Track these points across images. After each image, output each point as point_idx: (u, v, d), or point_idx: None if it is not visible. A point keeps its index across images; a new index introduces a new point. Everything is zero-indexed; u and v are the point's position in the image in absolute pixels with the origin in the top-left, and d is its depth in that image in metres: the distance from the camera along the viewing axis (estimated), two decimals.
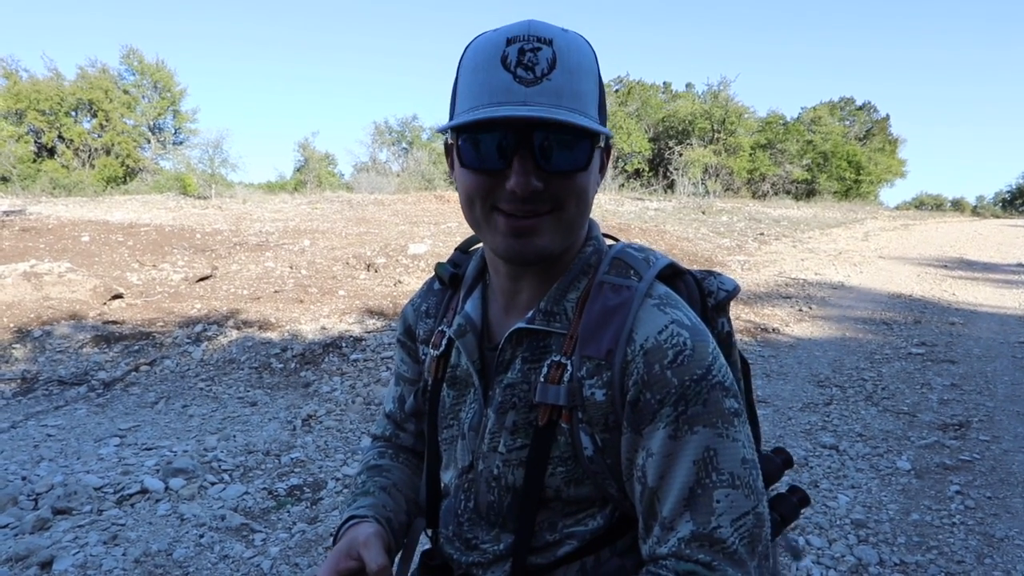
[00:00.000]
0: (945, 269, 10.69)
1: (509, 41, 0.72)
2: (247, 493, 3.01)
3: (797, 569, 2.47)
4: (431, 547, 1.02)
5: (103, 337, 5.29)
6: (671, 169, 24.84)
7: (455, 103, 0.78)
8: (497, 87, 0.71)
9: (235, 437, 3.66)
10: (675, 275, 0.90)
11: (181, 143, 27.42)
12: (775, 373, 4.91)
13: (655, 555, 0.76)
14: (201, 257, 8.64)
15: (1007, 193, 39.30)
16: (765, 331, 6.10)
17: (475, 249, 1.00)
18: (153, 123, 27.11)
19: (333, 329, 5.72)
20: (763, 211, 18.43)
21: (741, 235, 13.14)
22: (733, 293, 0.94)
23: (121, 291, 6.54)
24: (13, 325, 5.42)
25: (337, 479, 3.18)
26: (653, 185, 24.70)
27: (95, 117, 25.16)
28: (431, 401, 0.96)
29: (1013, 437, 3.73)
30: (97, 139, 25.06)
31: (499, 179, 0.74)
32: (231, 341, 5.33)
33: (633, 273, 0.83)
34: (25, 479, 3.04)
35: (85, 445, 3.53)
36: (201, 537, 2.62)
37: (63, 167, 23.68)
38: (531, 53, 0.71)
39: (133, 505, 2.86)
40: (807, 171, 28.89)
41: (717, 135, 27.10)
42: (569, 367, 0.80)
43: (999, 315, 7.12)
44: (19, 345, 5.09)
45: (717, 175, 25.14)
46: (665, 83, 34.76)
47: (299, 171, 30.44)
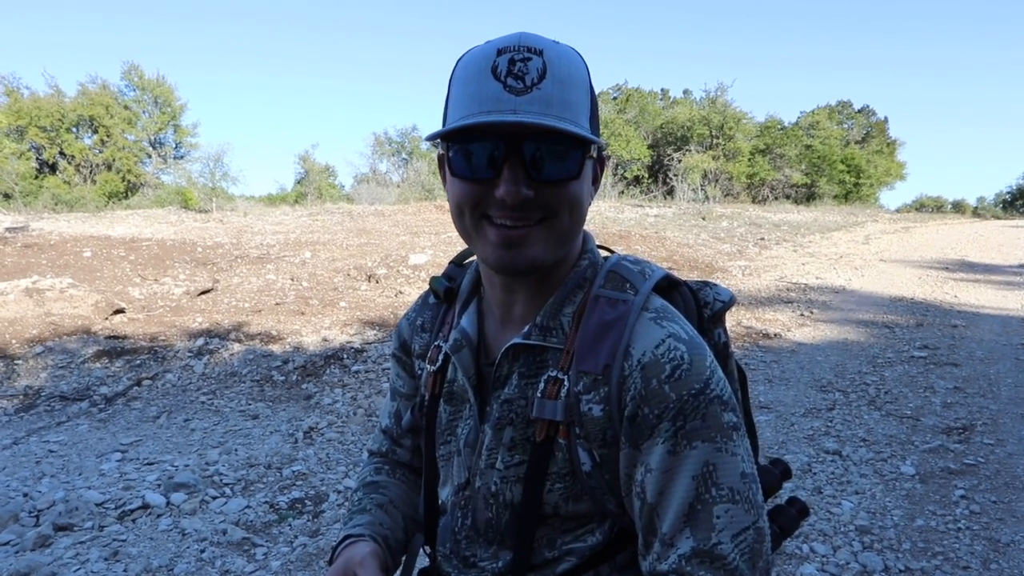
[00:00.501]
0: (946, 271, 10.67)
1: (500, 52, 0.72)
2: (248, 507, 3.00)
3: None
4: (429, 565, 1.01)
5: (105, 352, 5.29)
6: (670, 175, 24.89)
7: (447, 115, 0.78)
8: (487, 96, 0.71)
9: (237, 451, 3.65)
10: (671, 287, 0.89)
11: (182, 157, 27.57)
12: (777, 378, 4.90)
13: (655, 572, 0.75)
14: (202, 271, 8.65)
15: (1008, 194, 39.25)
16: (767, 336, 6.09)
17: (470, 262, 0.99)
18: (154, 138, 27.27)
19: (334, 341, 5.72)
20: (763, 216, 18.44)
21: (741, 240, 13.14)
22: (729, 304, 0.94)
23: (123, 306, 6.55)
24: (15, 341, 5.42)
25: (339, 491, 3.17)
26: (653, 192, 24.75)
27: (96, 133, 25.33)
28: (428, 417, 0.95)
29: (1017, 440, 3.71)
30: (98, 155, 25.21)
31: (489, 188, 0.74)
32: (232, 354, 5.33)
33: (629, 286, 0.82)
34: (27, 496, 3.03)
35: (87, 460, 3.53)
36: (202, 552, 2.61)
37: (65, 183, 23.80)
38: (521, 63, 0.71)
39: (134, 520, 2.85)
40: (806, 175, 28.92)
41: (716, 141, 27.15)
42: (566, 382, 0.79)
43: (1001, 317, 7.10)
44: (21, 361, 5.09)
45: (716, 181, 25.17)
46: (663, 90, 35.04)
47: (300, 183, 30.54)
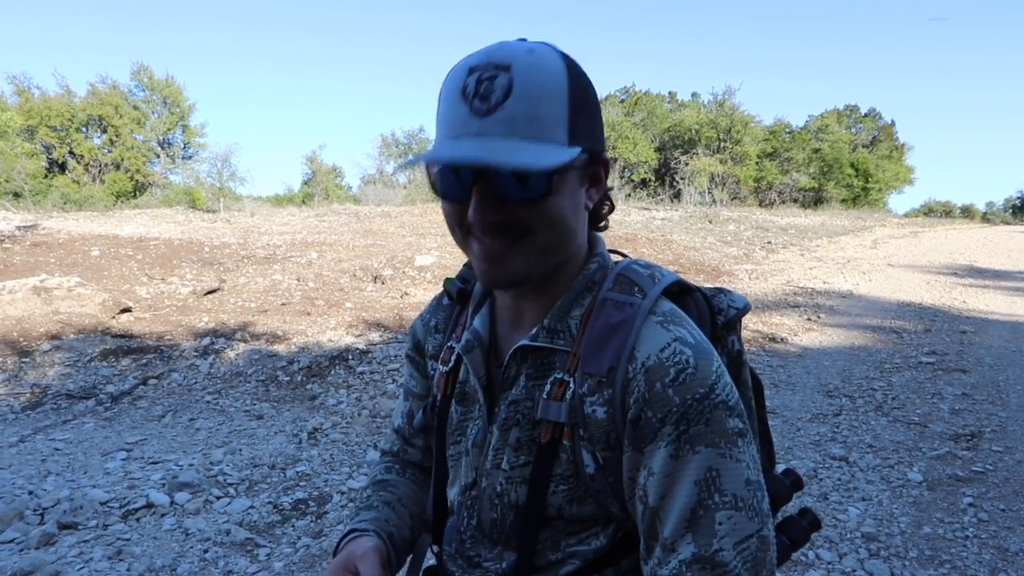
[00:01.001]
0: (955, 277, 10.60)
1: (470, 71, 0.71)
2: (252, 507, 3.00)
3: None
4: (435, 564, 1.01)
5: (111, 351, 5.32)
6: (677, 178, 24.82)
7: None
8: (456, 120, 0.71)
9: (241, 451, 3.66)
10: (683, 292, 0.88)
11: (190, 157, 27.67)
12: (783, 383, 4.87)
13: None
14: (209, 270, 8.68)
15: (1017, 199, 39.08)
16: (773, 340, 6.06)
17: None
18: (162, 138, 27.42)
19: (340, 341, 5.73)
20: (770, 219, 18.37)
21: (748, 244, 13.09)
22: (744, 311, 0.92)
23: (130, 305, 6.58)
24: (23, 339, 5.45)
25: (342, 492, 3.17)
26: (660, 195, 24.69)
27: (105, 133, 25.50)
28: (439, 417, 0.96)
29: None
30: (107, 154, 25.38)
31: (467, 208, 0.74)
32: (238, 354, 5.34)
33: (637, 290, 0.82)
34: (32, 493, 3.05)
35: (92, 459, 3.54)
36: (206, 552, 2.61)
37: (74, 182, 23.98)
38: (487, 82, 0.70)
39: (138, 520, 2.86)
40: (814, 179, 28.81)
41: (723, 144, 27.08)
42: (571, 384, 0.79)
43: (1011, 323, 7.05)
44: (28, 359, 5.13)
45: (723, 184, 25.10)
46: (671, 93, 34.89)
47: (307, 184, 30.63)
